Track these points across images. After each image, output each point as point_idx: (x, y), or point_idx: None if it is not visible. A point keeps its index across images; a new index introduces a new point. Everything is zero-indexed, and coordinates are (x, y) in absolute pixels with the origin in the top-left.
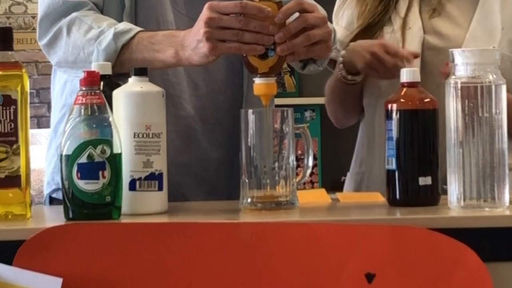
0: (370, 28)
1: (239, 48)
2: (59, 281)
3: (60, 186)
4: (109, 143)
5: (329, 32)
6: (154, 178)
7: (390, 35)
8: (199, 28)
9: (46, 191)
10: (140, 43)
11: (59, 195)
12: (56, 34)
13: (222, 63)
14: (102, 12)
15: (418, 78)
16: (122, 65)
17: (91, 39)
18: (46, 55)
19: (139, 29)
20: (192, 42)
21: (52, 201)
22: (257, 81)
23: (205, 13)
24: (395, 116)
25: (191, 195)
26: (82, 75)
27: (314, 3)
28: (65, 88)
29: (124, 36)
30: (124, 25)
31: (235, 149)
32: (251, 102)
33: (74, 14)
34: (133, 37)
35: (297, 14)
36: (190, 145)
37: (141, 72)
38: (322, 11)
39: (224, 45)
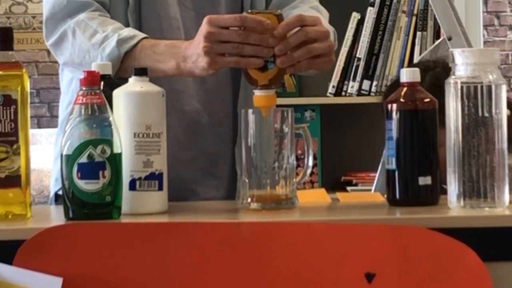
0: None
1: (238, 62)
2: (59, 281)
3: None
4: (109, 143)
5: (331, 46)
6: (154, 178)
7: None
8: (199, 42)
9: (53, 189)
10: (143, 51)
11: None
12: (61, 35)
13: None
14: (109, 11)
15: (418, 78)
16: (125, 71)
17: (95, 43)
18: (53, 54)
19: (142, 35)
20: (193, 55)
21: (58, 198)
22: (257, 93)
23: (204, 27)
24: (395, 116)
25: (201, 191)
26: None
27: (319, 16)
28: (71, 85)
29: (127, 43)
30: (128, 31)
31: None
32: (249, 95)
33: (80, 17)
34: (136, 44)
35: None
36: (196, 139)
37: (141, 72)
38: (326, 25)
39: (223, 59)
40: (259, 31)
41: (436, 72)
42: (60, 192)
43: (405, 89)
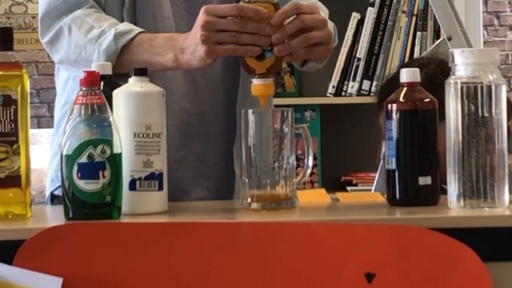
0: None
1: (235, 50)
2: (59, 281)
3: None
4: (109, 143)
5: (329, 35)
6: (154, 178)
7: None
8: (196, 32)
9: (49, 189)
10: (141, 45)
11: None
12: (57, 32)
13: (219, 57)
14: (104, 9)
15: (418, 78)
16: (122, 66)
17: (92, 39)
18: (48, 52)
19: (139, 30)
20: (190, 46)
21: (54, 198)
22: (255, 81)
23: (201, 17)
24: (395, 116)
25: (193, 190)
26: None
27: (316, 5)
28: (66, 85)
29: (124, 37)
30: (125, 26)
31: (233, 144)
32: (247, 95)
33: (76, 13)
34: (133, 38)
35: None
36: (186, 139)
37: (141, 72)
38: (323, 14)
39: (220, 47)
40: (256, 20)
41: (430, 69)
42: (56, 192)
43: (405, 89)
